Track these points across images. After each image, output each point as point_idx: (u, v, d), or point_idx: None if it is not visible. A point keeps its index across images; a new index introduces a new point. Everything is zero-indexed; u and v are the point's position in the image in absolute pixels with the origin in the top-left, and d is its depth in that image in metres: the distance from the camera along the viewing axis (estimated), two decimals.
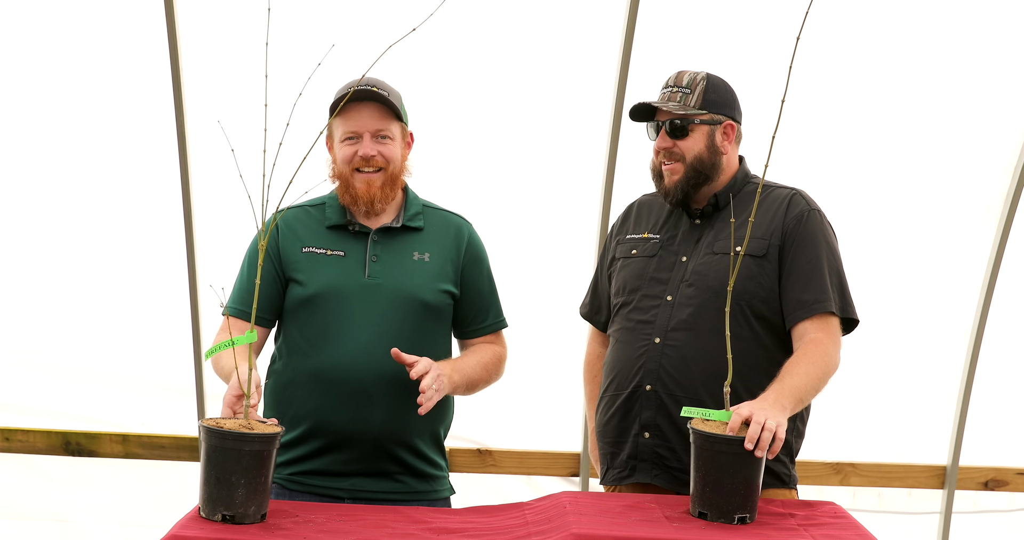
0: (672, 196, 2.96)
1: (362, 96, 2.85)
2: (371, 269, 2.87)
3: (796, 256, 2.85)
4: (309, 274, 2.88)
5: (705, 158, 2.92)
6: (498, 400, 4.36)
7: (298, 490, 2.84)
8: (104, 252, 4.42)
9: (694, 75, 2.95)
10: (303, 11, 4.13)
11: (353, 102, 2.86)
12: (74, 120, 4.30)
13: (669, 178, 2.95)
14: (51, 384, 4.52)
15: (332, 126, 2.92)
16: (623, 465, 2.95)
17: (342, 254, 2.90)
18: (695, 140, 2.92)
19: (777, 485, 2.89)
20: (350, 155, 2.89)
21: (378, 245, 2.91)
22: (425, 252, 2.93)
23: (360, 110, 2.88)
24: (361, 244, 2.91)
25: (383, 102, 2.87)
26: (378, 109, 2.89)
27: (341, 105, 2.84)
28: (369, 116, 2.88)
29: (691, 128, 2.92)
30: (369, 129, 2.88)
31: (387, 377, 2.80)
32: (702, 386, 2.83)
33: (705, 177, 2.93)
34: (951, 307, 4.61)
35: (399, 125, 2.94)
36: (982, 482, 4.72)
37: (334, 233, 2.93)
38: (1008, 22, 4.29)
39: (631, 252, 3.04)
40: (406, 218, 2.94)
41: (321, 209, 2.96)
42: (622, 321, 3.00)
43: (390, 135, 2.91)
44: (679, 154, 2.93)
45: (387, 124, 2.90)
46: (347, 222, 2.93)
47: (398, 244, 2.92)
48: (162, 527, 2.42)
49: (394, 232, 2.93)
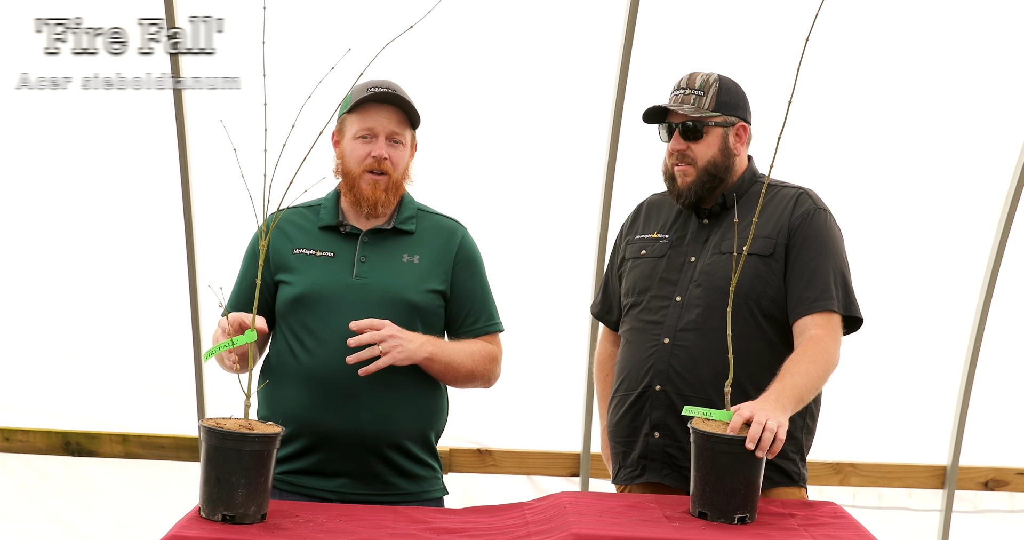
0: (685, 198, 2.96)
1: (383, 98, 2.87)
2: (359, 269, 2.88)
3: (800, 254, 2.86)
4: (298, 275, 2.89)
5: (719, 161, 2.93)
6: (498, 400, 4.37)
7: (287, 490, 2.84)
8: (104, 252, 4.42)
9: (707, 77, 2.95)
10: (303, 11, 4.13)
11: (372, 102, 2.87)
12: (74, 120, 4.30)
13: (682, 179, 2.95)
14: (51, 384, 4.52)
15: (345, 121, 2.92)
16: (634, 465, 2.96)
17: (331, 255, 2.90)
18: (709, 143, 2.93)
19: (787, 483, 2.89)
20: (363, 154, 2.89)
21: (367, 246, 2.91)
22: (415, 254, 2.92)
23: (379, 110, 2.89)
24: (351, 245, 2.91)
25: (402, 107, 2.89)
26: (396, 113, 2.90)
27: (360, 101, 2.85)
28: (387, 118, 2.89)
29: (705, 131, 2.92)
30: (385, 130, 2.89)
31: (373, 377, 2.80)
32: (711, 386, 2.83)
33: (719, 180, 2.94)
34: (951, 307, 4.61)
35: (411, 132, 2.96)
36: (982, 482, 4.72)
37: (325, 234, 2.93)
38: (1009, 22, 4.29)
39: (640, 252, 3.04)
40: (398, 221, 2.94)
41: (316, 210, 2.97)
42: (632, 321, 3.01)
43: (403, 141, 2.92)
44: (692, 158, 2.93)
45: (403, 129, 2.92)
46: (338, 224, 2.93)
47: (388, 246, 2.92)
48: (162, 527, 2.42)
49: (385, 234, 2.93)
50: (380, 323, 2.76)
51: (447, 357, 2.86)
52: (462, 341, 2.96)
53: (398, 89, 2.91)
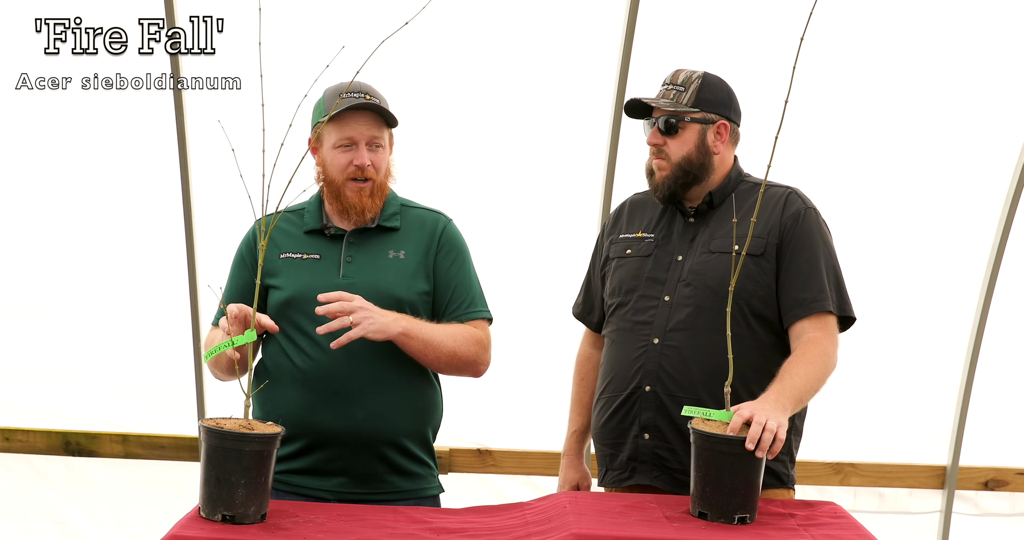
0: (660, 193, 2.95)
1: (359, 107, 2.86)
2: (345, 270, 2.88)
3: (794, 255, 2.85)
4: (285, 279, 2.89)
5: (693, 158, 2.91)
6: (498, 400, 4.37)
7: (284, 490, 2.84)
8: (104, 252, 4.42)
9: (690, 74, 2.95)
10: (302, 11, 4.13)
11: (349, 110, 2.86)
12: (74, 120, 4.30)
13: (658, 174, 2.95)
14: (51, 384, 4.52)
15: (322, 130, 2.91)
16: (623, 467, 2.94)
17: (318, 257, 2.91)
18: (684, 139, 2.91)
19: (777, 485, 2.88)
20: (344, 163, 2.88)
21: (353, 246, 2.91)
22: (400, 250, 2.93)
23: (356, 117, 2.87)
24: (336, 246, 2.92)
25: (377, 111, 2.88)
26: (372, 117, 2.89)
27: (334, 112, 2.83)
28: (365, 124, 2.88)
29: (682, 126, 2.91)
30: (365, 137, 2.88)
31: (366, 375, 2.81)
32: (702, 386, 2.83)
33: (694, 177, 2.92)
34: (951, 307, 4.61)
35: (389, 132, 2.95)
36: (982, 482, 4.72)
37: (311, 238, 2.94)
38: (1008, 21, 4.29)
39: (625, 252, 3.02)
40: (382, 218, 2.94)
41: (300, 214, 2.97)
42: (618, 322, 2.98)
43: (382, 143, 2.92)
44: (666, 154, 2.92)
45: (380, 132, 2.91)
46: (323, 226, 2.93)
47: (373, 244, 2.93)
48: (162, 527, 2.42)
49: (369, 232, 2.93)
50: (350, 296, 2.74)
51: (425, 335, 2.81)
52: (443, 324, 2.92)
53: (372, 92, 2.89)
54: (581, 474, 3.16)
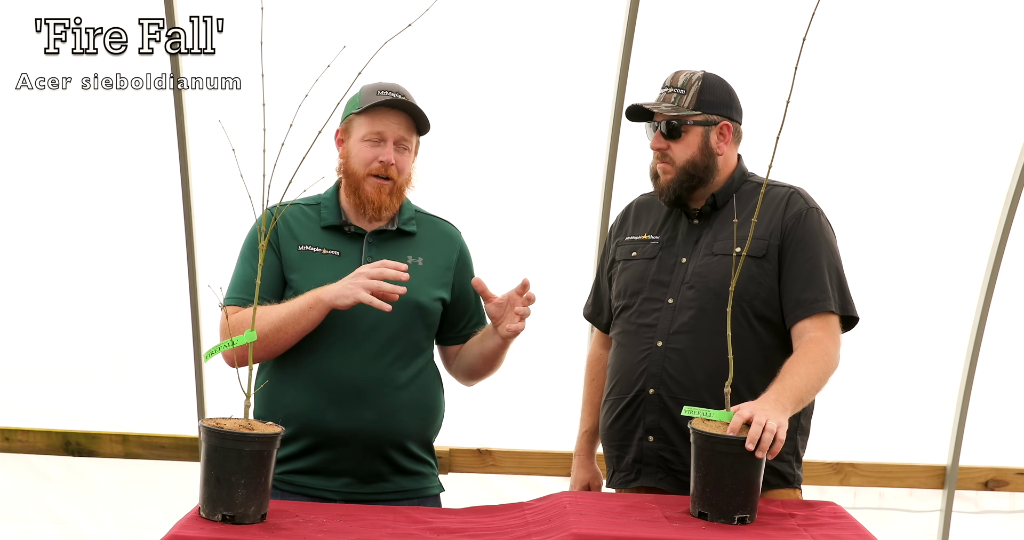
0: (665, 196, 2.95)
1: (396, 104, 2.87)
2: None
3: (795, 255, 2.85)
4: (304, 273, 2.88)
5: (698, 161, 2.91)
6: (498, 400, 4.37)
7: (288, 490, 2.84)
8: (104, 252, 4.42)
9: (690, 75, 2.94)
10: (302, 10, 4.13)
11: (383, 107, 2.87)
12: (74, 120, 4.29)
13: (663, 177, 2.94)
14: (51, 384, 4.52)
15: (352, 121, 2.92)
16: (629, 469, 2.95)
17: (337, 254, 2.91)
18: (688, 142, 2.91)
19: (783, 485, 2.89)
20: (370, 157, 2.89)
21: (373, 247, 2.91)
22: (419, 256, 2.94)
23: (389, 115, 2.89)
24: (356, 245, 2.92)
25: (413, 114, 2.89)
26: (406, 119, 2.90)
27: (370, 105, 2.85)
28: (397, 123, 2.89)
29: (684, 129, 2.91)
30: (395, 135, 2.90)
31: (378, 377, 2.81)
32: (705, 389, 2.83)
33: (699, 180, 2.92)
34: (951, 307, 4.61)
35: (417, 138, 2.97)
36: (982, 482, 4.72)
37: (329, 233, 2.93)
38: (1008, 21, 4.29)
39: (631, 254, 3.03)
40: (401, 222, 2.95)
41: (316, 208, 2.97)
42: (624, 324, 2.99)
43: (409, 147, 2.93)
44: (671, 158, 2.92)
45: (410, 135, 2.93)
46: (343, 223, 2.93)
47: (392, 247, 2.93)
48: (162, 527, 2.42)
49: (389, 235, 2.94)
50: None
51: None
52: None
53: (409, 95, 2.92)
54: (592, 474, 3.17)
